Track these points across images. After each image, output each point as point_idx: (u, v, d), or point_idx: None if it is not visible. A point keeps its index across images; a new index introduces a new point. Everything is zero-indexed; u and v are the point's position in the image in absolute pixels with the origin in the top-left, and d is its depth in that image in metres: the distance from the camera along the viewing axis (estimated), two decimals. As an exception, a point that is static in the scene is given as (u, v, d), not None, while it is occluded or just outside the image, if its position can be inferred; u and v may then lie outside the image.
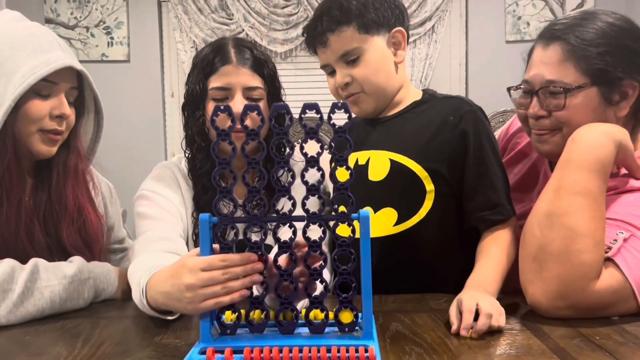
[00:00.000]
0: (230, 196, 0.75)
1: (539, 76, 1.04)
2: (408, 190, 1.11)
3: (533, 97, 1.06)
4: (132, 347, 0.81)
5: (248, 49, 1.17)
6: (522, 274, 0.93)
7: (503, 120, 1.92)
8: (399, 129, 1.16)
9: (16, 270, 0.95)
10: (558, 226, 0.89)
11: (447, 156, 1.10)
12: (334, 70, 1.16)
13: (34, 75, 1.00)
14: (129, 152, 3.53)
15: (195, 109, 1.17)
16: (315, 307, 0.76)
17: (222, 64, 1.14)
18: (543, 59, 1.04)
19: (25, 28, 1.06)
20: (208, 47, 1.18)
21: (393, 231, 1.11)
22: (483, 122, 1.13)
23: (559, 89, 1.01)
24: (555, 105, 1.03)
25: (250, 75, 1.14)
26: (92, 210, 1.15)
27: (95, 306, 1.06)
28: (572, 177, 0.91)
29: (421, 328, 0.86)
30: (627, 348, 0.76)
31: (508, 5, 3.59)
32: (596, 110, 1.01)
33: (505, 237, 1.06)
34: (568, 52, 1.01)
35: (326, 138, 1.73)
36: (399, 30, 1.16)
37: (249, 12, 3.58)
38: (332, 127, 0.75)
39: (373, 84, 1.14)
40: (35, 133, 1.04)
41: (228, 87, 1.13)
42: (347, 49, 1.12)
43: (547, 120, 1.05)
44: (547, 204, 0.92)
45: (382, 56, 1.14)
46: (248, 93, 1.14)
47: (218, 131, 0.74)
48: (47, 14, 3.64)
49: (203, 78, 1.15)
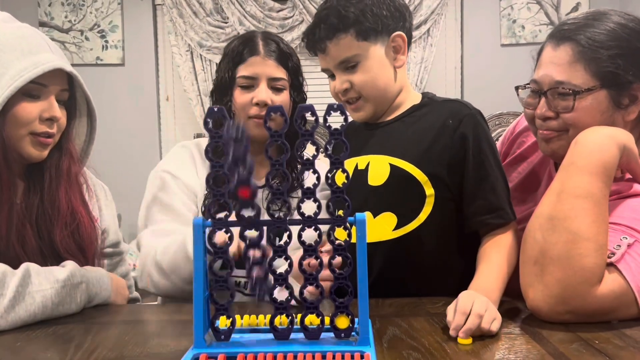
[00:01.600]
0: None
1: (548, 77, 1.02)
2: (408, 194, 1.10)
3: (541, 98, 1.05)
4: (125, 352, 0.80)
5: (275, 42, 1.27)
6: (523, 277, 0.92)
7: (499, 123, 1.92)
8: (398, 134, 1.16)
9: (7, 275, 0.94)
10: (560, 230, 0.88)
11: (447, 160, 1.10)
12: (332, 74, 1.17)
13: (22, 78, 0.99)
14: (124, 156, 3.52)
15: (224, 94, 1.27)
16: (310, 313, 0.75)
17: (250, 55, 1.24)
18: (553, 59, 1.03)
19: (15, 29, 1.05)
20: (238, 39, 1.29)
21: (392, 236, 1.10)
22: (482, 125, 1.12)
23: (568, 90, 1.00)
24: (564, 107, 1.01)
25: (276, 66, 1.24)
26: (86, 213, 1.14)
27: (88, 311, 1.04)
28: (575, 180, 0.90)
29: (419, 332, 0.85)
30: (627, 352, 0.75)
31: (503, 9, 3.61)
32: (604, 113, 1.00)
33: (506, 241, 1.06)
34: (579, 53, 1.00)
35: (321, 141, 1.72)
36: (399, 35, 1.15)
37: (244, 15, 3.58)
38: (327, 130, 0.74)
39: (372, 89, 1.14)
40: (26, 136, 1.03)
41: (254, 76, 1.24)
42: (345, 56, 1.12)
43: (555, 122, 1.04)
44: (549, 207, 0.91)
45: (381, 62, 1.14)
46: (272, 83, 1.24)
47: (211, 133, 0.73)
48: (41, 18, 3.63)
49: (232, 67, 1.25)
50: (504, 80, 3.65)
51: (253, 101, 1.23)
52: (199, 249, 0.74)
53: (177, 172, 1.26)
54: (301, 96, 1.30)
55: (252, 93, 1.23)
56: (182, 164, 1.28)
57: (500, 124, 1.92)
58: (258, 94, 1.22)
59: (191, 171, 1.27)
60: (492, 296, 0.94)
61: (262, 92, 1.22)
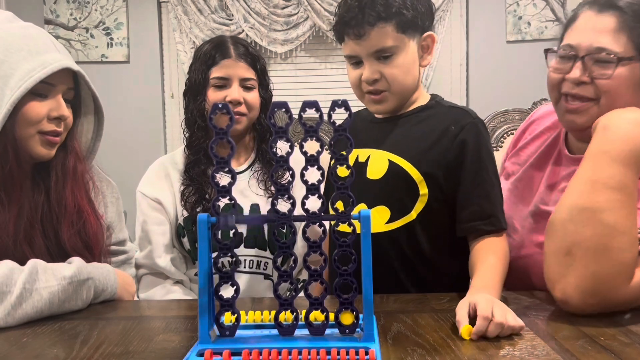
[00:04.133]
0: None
1: (587, 42, 1.01)
2: (402, 191, 1.12)
3: (576, 62, 1.02)
4: (131, 348, 0.81)
5: (244, 46, 1.40)
6: (550, 267, 0.91)
7: (504, 120, 1.91)
8: (401, 132, 1.17)
9: (15, 272, 0.94)
10: (594, 222, 0.87)
11: (445, 164, 1.11)
12: (360, 61, 1.14)
13: (31, 79, 0.99)
14: (129, 153, 3.52)
15: (197, 94, 1.39)
16: (315, 309, 0.75)
17: (222, 58, 1.36)
18: (596, 26, 1.01)
19: (20, 29, 1.05)
20: (209, 43, 1.40)
21: (385, 228, 1.13)
22: (483, 134, 1.14)
23: (611, 57, 0.99)
24: (601, 73, 1.00)
25: (246, 68, 1.37)
26: (92, 211, 1.14)
27: (94, 307, 1.05)
28: (608, 170, 0.89)
29: (423, 329, 0.86)
30: (633, 349, 0.75)
31: (509, 5, 3.58)
32: (637, 85, 1.00)
33: (498, 246, 1.06)
34: (623, 21, 0.99)
35: (326, 138, 1.72)
36: (430, 35, 1.16)
37: (249, 12, 3.58)
38: (332, 126, 0.74)
39: (400, 84, 1.14)
40: (35, 135, 1.04)
41: (227, 77, 1.36)
42: (383, 46, 1.11)
43: (590, 88, 1.02)
44: (581, 198, 0.90)
45: (413, 58, 1.15)
46: (243, 83, 1.37)
47: (216, 129, 0.73)
48: (47, 15, 3.64)
49: (205, 69, 1.37)
50: (509, 77, 3.66)
51: (226, 99, 1.36)
52: (203, 244, 0.74)
53: (144, 189, 1.41)
54: (268, 94, 1.43)
55: (225, 92, 1.36)
56: (152, 180, 1.42)
57: (505, 121, 1.91)
58: (231, 92, 1.35)
59: (160, 186, 1.40)
60: (495, 295, 0.94)
61: (234, 91, 1.36)
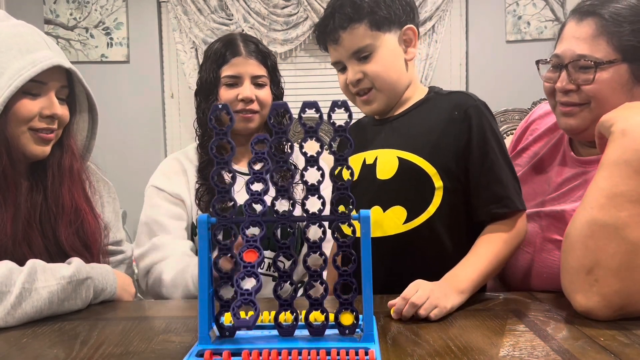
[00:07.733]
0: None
1: (570, 50, 1.03)
2: (417, 187, 1.10)
3: (562, 71, 1.05)
4: (131, 348, 0.80)
5: (254, 43, 1.39)
6: (570, 283, 0.89)
7: (504, 120, 1.91)
8: (405, 128, 1.16)
9: (14, 271, 0.94)
10: (618, 240, 0.84)
11: (454, 151, 1.10)
12: (345, 67, 1.16)
13: (21, 77, 0.99)
14: (129, 153, 3.52)
15: (209, 93, 1.38)
16: (315, 309, 0.75)
17: (232, 56, 1.36)
18: (575, 34, 1.04)
19: (11, 27, 1.05)
20: (219, 42, 1.40)
21: (403, 229, 1.10)
22: (487, 116, 1.12)
23: (590, 62, 1.00)
24: (584, 79, 1.02)
25: (257, 65, 1.37)
26: (90, 210, 1.14)
27: (94, 307, 1.05)
28: (630, 183, 0.85)
29: (423, 329, 0.85)
30: (633, 349, 0.75)
31: (508, 5, 3.59)
32: (625, 86, 1.01)
33: (502, 233, 1.04)
34: (602, 27, 1.00)
35: (326, 138, 1.72)
36: (410, 28, 1.16)
37: (249, 12, 3.58)
38: (332, 126, 0.74)
39: (385, 80, 1.14)
40: (26, 132, 1.03)
41: (238, 75, 1.36)
42: (359, 46, 1.12)
43: (576, 95, 1.04)
44: (601, 213, 0.86)
45: (394, 53, 1.15)
46: (255, 80, 1.37)
47: (216, 130, 0.73)
48: (47, 15, 3.63)
49: (216, 68, 1.37)
50: (509, 77, 3.66)
51: (238, 97, 1.35)
52: (203, 245, 0.74)
53: (161, 184, 1.38)
54: (280, 91, 1.44)
55: (237, 90, 1.36)
56: (168, 175, 1.39)
57: (505, 121, 1.91)
58: (243, 90, 1.35)
59: (179, 181, 1.38)
60: (460, 286, 0.96)
61: (246, 89, 1.35)
